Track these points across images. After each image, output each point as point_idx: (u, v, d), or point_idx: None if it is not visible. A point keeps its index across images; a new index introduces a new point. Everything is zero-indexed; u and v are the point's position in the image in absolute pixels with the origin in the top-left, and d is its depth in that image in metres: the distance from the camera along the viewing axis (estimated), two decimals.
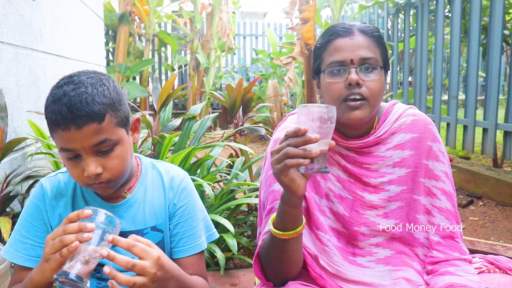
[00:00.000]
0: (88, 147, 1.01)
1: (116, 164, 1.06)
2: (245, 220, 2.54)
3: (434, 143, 1.25)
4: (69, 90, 1.00)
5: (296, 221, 1.07)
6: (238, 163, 2.59)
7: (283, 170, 0.96)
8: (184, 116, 2.64)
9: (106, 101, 1.02)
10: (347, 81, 1.14)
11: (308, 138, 0.93)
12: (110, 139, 1.03)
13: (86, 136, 1.00)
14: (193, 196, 1.24)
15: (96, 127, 1.00)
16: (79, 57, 4.00)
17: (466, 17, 4.42)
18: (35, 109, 2.75)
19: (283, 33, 9.79)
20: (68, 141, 1.00)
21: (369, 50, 1.17)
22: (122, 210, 1.17)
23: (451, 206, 1.22)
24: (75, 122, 0.98)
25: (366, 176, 1.24)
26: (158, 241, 1.20)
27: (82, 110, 0.98)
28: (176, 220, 1.21)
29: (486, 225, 3.10)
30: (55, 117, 0.99)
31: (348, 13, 7.45)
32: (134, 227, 1.17)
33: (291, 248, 1.10)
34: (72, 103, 0.98)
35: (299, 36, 5.32)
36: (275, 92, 6.32)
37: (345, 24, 1.21)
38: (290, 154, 0.94)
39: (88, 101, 0.99)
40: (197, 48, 7.82)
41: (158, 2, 7.64)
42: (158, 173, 1.23)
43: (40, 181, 1.19)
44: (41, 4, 2.95)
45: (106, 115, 1.02)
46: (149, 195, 1.20)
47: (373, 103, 1.16)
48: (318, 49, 1.24)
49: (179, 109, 9.11)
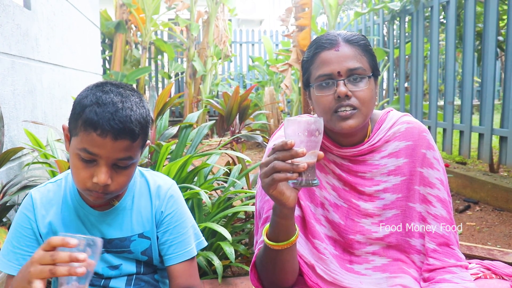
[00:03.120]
0: (112, 159, 1.04)
1: (124, 180, 1.09)
2: (242, 227, 2.53)
3: (429, 150, 1.25)
4: (117, 101, 1.03)
5: (288, 232, 1.07)
6: (235, 170, 2.59)
7: (272, 184, 0.96)
8: (181, 124, 2.64)
9: (144, 122, 1.08)
10: (336, 94, 1.15)
11: (295, 153, 0.93)
12: (133, 158, 1.08)
13: (116, 149, 1.03)
14: (180, 204, 1.26)
15: (128, 144, 1.04)
16: (75, 66, 4.00)
17: (461, 23, 4.45)
18: (32, 118, 2.75)
19: (279, 40, 9.82)
20: (97, 146, 1.02)
21: (355, 60, 1.16)
22: (110, 217, 1.19)
23: (446, 213, 1.22)
24: (114, 133, 1.01)
25: (360, 184, 1.24)
26: (146, 248, 1.22)
27: (125, 124, 1.02)
28: (164, 228, 1.23)
29: (483, 230, 3.11)
30: (97, 119, 1.00)
31: (344, 20, 7.48)
32: (121, 234, 1.19)
33: (285, 258, 1.11)
34: (118, 115, 1.01)
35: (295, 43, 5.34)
36: (272, 99, 6.34)
37: (330, 35, 1.20)
38: (278, 168, 0.95)
39: (132, 120, 1.03)
40: (193, 56, 7.83)
41: (154, 10, 7.66)
42: (146, 181, 1.25)
43: (29, 191, 1.21)
44: (37, 13, 2.96)
45: (140, 136, 1.07)
46: (136, 203, 1.22)
47: (364, 112, 1.17)
48: (305, 62, 1.24)
49: (176, 117, 9.11)
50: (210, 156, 2.53)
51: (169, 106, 2.69)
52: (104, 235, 1.18)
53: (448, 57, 4.47)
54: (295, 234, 1.09)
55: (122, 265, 1.21)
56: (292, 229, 1.08)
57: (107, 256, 1.19)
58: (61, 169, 1.94)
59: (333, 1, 5.92)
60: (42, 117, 2.97)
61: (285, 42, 8.08)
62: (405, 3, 5.12)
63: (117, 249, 1.19)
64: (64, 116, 3.51)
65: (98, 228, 1.18)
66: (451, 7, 4.33)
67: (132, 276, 1.22)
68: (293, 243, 1.09)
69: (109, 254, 1.19)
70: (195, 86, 8.02)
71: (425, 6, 4.77)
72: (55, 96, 3.29)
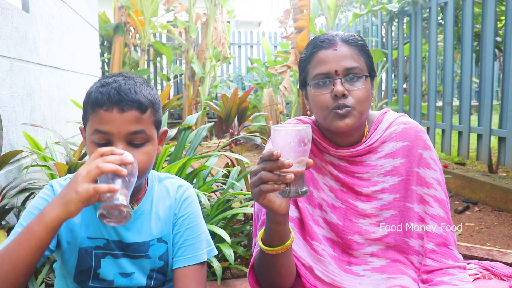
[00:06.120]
0: (123, 134, 1.03)
1: (143, 159, 1.06)
2: (241, 229, 2.53)
3: (425, 150, 1.25)
4: (119, 79, 1.06)
5: (282, 237, 1.07)
6: (234, 172, 2.59)
7: (260, 194, 0.96)
8: (180, 126, 2.65)
9: (151, 98, 1.08)
10: (333, 93, 1.16)
11: (281, 163, 0.93)
12: (146, 132, 1.06)
13: (126, 122, 1.03)
14: (195, 207, 1.25)
15: (137, 115, 1.04)
16: (74, 68, 4.00)
17: (459, 24, 4.46)
18: (30, 121, 2.75)
19: (277, 42, 9.83)
20: (106, 122, 1.02)
21: (353, 60, 1.18)
22: (129, 222, 1.16)
23: (444, 213, 1.22)
24: (120, 105, 1.02)
25: (358, 185, 1.24)
26: (163, 252, 1.20)
27: (129, 95, 1.03)
28: (176, 229, 1.21)
29: (482, 231, 3.11)
30: (101, 97, 1.02)
31: (342, 21, 7.48)
32: (140, 239, 1.17)
33: (280, 262, 1.11)
34: (121, 88, 1.03)
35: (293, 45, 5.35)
36: (271, 101, 6.34)
37: (328, 35, 1.22)
38: (264, 179, 0.95)
39: (136, 91, 1.05)
40: (192, 58, 7.83)
41: (153, 13, 7.67)
42: (165, 186, 1.25)
43: (49, 182, 1.19)
44: (35, 16, 2.96)
45: (148, 109, 1.07)
46: (155, 207, 1.21)
47: (360, 111, 1.18)
48: (303, 61, 1.26)
49: (175, 119, 9.11)
50: (209, 158, 2.53)
51: (168, 108, 2.69)
52: (122, 239, 1.16)
53: (446, 58, 4.48)
54: (290, 238, 1.09)
55: (134, 274, 1.17)
56: (286, 234, 1.08)
57: (123, 261, 1.16)
58: (60, 172, 1.94)
59: (332, 2, 5.93)
60: (41, 120, 2.97)
61: (283, 44, 8.08)
62: (403, 5, 5.13)
63: (135, 254, 1.17)
64: (63, 118, 3.50)
65: (116, 231, 1.16)
66: (449, 8, 4.33)
67: None
68: (287, 247, 1.09)
69: (126, 258, 1.17)
70: (194, 88, 8.02)
71: (423, 7, 4.78)
72: (54, 99, 3.29)
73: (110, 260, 1.15)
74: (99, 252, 1.15)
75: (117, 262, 1.16)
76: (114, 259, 1.16)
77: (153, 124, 1.10)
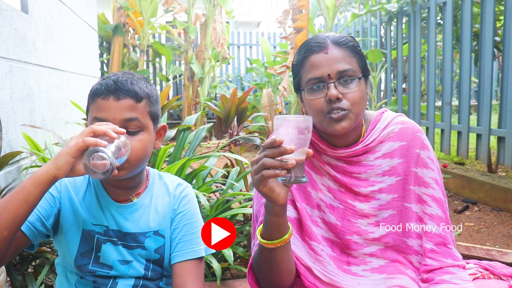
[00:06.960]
0: (119, 121, 1.10)
1: (138, 147, 1.13)
2: (241, 230, 2.53)
3: (423, 150, 1.25)
4: (119, 74, 1.17)
5: (281, 230, 1.09)
6: (233, 173, 2.59)
7: (261, 180, 0.99)
8: (179, 127, 2.65)
9: (147, 91, 1.17)
10: (327, 97, 1.16)
11: (283, 149, 0.96)
12: (140, 120, 1.13)
13: (121, 109, 1.11)
14: (193, 205, 1.30)
15: (132, 104, 1.12)
16: (73, 69, 4.00)
17: (458, 24, 4.46)
18: (30, 122, 2.75)
19: (277, 42, 9.82)
20: (103, 110, 1.11)
21: (345, 62, 1.18)
22: (128, 212, 1.22)
23: (442, 213, 1.22)
24: (116, 93, 1.11)
25: (356, 185, 1.25)
26: (159, 246, 1.24)
27: (125, 85, 1.12)
28: (174, 225, 1.26)
29: (481, 231, 3.11)
30: (100, 87, 1.12)
31: (341, 22, 7.48)
32: (138, 230, 1.22)
33: (279, 257, 1.11)
34: (118, 80, 1.13)
35: (292, 45, 5.35)
36: (270, 101, 6.34)
37: (319, 38, 1.21)
38: (267, 165, 0.97)
39: (133, 83, 1.14)
40: (191, 58, 7.83)
41: (152, 13, 7.67)
42: (164, 183, 1.31)
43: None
44: (34, 17, 2.96)
45: (143, 99, 1.15)
46: (154, 202, 1.27)
47: (356, 113, 1.18)
48: (296, 66, 1.26)
49: (174, 120, 9.10)
50: (208, 158, 2.53)
51: (167, 109, 2.70)
52: (120, 227, 1.21)
53: (445, 58, 4.48)
54: (288, 232, 1.10)
55: (133, 263, 1.22)
56: (284, 227, 1.09)
57: (122, 249, 1.21)
58: None
59: (330, 2, 5.93)
60: (40, 121, 2.97)
61: (282, 44, 8.09)
62: (402, 5, 5.13)
63: (132, 243, 1.21)
64: (63, 119, 3.50)
65: (115, 220, 1.21)
66: (448, 8, 4.34)
67: (140, 279, 1.22)
68: (286, 241, 1.10)
69: (124, 248, 1.21)
70: (193, 88, 8.01)
71: (422, 7, 4.78)
72: (53, 100, 3.28)
73: (110, 246, 1.21)
74: (100, 237, 1.20)
75: (117, 249, 1.21)
76: (114, 246, 1.21)
77: (148, 115, 1.17)
